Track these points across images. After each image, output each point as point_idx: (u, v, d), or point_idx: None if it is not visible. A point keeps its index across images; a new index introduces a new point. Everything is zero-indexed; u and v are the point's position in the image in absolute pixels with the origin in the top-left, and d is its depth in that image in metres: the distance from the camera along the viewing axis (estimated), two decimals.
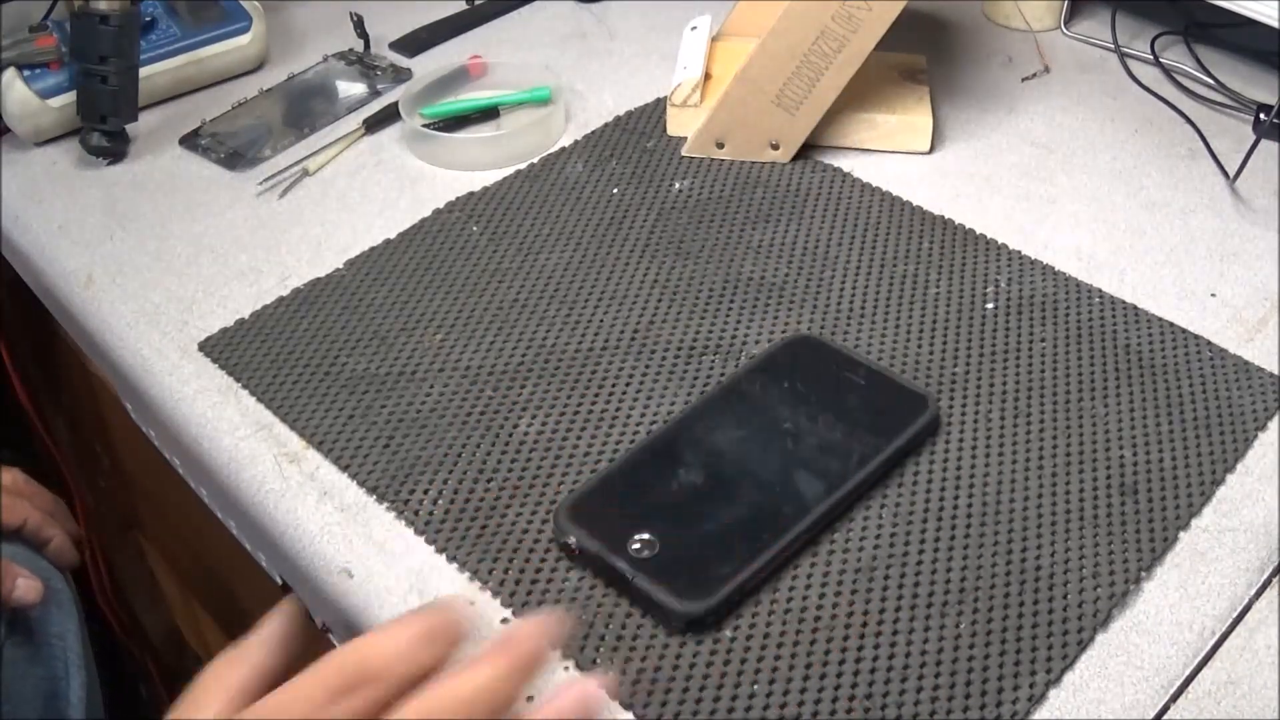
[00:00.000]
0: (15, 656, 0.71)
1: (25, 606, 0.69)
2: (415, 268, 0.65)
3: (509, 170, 0.73)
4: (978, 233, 0.67)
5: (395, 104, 0.77)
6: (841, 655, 0.45)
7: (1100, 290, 0.63)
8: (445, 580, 0.49)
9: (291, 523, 0.52)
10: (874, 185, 0.71)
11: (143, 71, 0.75)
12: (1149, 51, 0.84)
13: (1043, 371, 0.58)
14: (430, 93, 0.79)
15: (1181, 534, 0.50)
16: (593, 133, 0.77)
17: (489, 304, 0.63)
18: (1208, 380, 0.57)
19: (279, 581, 0.57)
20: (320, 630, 0.55)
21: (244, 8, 0.82)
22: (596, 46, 0.87)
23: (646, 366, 0.59)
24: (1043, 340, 0.60)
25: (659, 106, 0.78)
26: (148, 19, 0.78)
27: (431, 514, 0.51)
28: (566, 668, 0.45)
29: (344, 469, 0.53)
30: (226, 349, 0.60)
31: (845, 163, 0.73)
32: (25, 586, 0.68)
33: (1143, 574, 0.49)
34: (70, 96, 0.74)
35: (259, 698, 0.38)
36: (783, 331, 0.61)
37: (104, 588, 1.06)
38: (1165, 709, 0.44)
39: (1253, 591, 0.48)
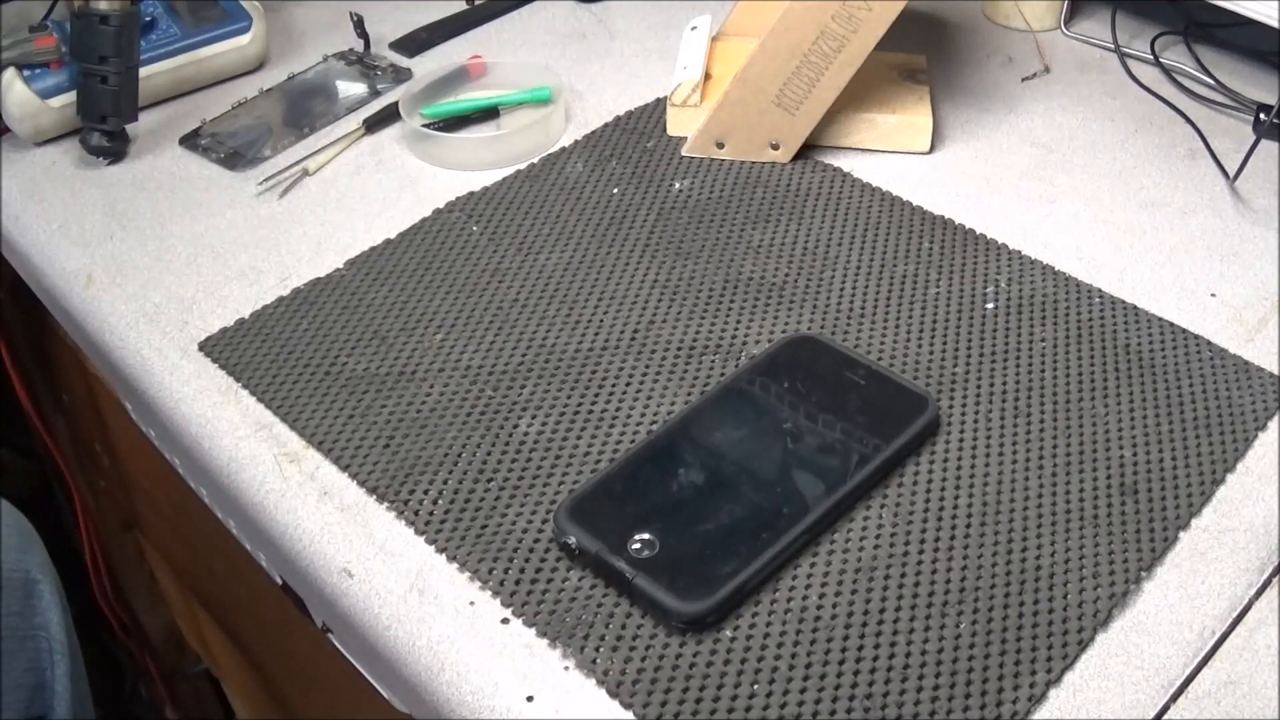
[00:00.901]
0: None
1: None
2: (415, 268, 0.65)
3: (509, 170, 0.73)
4: (978, 233, 0.67)
5: (395, 104, 0.77)
6: (841, 655, 0.45)
7: (1100, 290, 0.63)
8: (445, 580, 0.49)
9: (291, 523, 0.52)
10: (874, 185, 0.71)
11: (143, 71, 0.75)
12: (1149, 51, 0.84)
13: (1043, 371, 0.58)
14: (430, 93, 0.79)
15: (1181, 534, 0.50)
16: (593, 133, 0.77)
17: (489, 304, 0.63)
18: (1208, 380, 0.57)
19: (279, 581, 0.57)
20: (320, 630, 0.55)
21: (244, 8, 0.82)
22: (596, 46, 0.87)
23: (646, 366, 0.59)
24: (1043, 340, 0.60)
25: (659, 106, 0.78)
26: (148, 19, 0.78)
27: (431, 514, 0.51)
28: (567, 667, 0.45)
29: (344, 469, 0.53)
30: (226, 349, 0.60)
31: (845, 163, 0.73)
32: None
33: (1143, 574, 0.49)
34: (70, 96, 0.74)
35: None
36: (783, 331, 0.61)
37: (104, 588, 1.06)
38: (1165, 709, 0.44)
39: (1253, 591, 0.48)
